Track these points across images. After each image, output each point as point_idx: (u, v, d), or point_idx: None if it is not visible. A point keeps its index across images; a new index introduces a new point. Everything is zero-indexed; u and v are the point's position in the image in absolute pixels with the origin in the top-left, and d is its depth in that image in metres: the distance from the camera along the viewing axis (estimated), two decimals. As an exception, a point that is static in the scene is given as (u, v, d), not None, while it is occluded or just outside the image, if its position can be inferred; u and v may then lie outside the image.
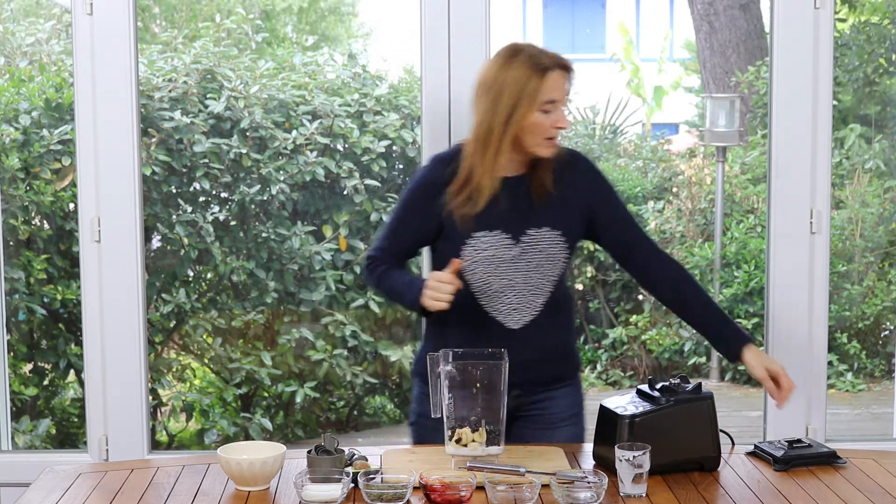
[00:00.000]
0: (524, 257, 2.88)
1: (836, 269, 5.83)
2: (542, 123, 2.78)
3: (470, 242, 2.86)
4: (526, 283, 2.89)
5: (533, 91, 2.77)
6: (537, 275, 2.89)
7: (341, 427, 5.50)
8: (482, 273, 2.88)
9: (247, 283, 5.12)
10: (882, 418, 5.61)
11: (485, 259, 2.87)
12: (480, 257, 2.86)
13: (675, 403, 2.72)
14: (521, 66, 2.78)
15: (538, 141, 2.80)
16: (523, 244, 2.87)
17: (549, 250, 2.88)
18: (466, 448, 2.65)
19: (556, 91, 2.78)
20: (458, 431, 2.66)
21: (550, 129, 2.79)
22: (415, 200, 2.93)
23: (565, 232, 2.90)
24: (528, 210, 2.88)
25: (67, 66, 4.99)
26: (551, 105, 2.78)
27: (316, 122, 5.12)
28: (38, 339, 4.89)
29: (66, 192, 4.75)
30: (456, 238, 2.88)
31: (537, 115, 2.78)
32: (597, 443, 2.80)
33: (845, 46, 5.77)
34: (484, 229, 2.86)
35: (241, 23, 5.36)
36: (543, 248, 2.88)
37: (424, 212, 2.90)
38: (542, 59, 2.79)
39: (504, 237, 2.87)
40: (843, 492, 2.62)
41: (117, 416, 3.88)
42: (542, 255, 2.88)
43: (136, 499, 2.59)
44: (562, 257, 2.91)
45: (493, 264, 2.87)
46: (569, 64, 2.83)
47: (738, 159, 6.64)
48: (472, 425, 2.66)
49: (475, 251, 2.86)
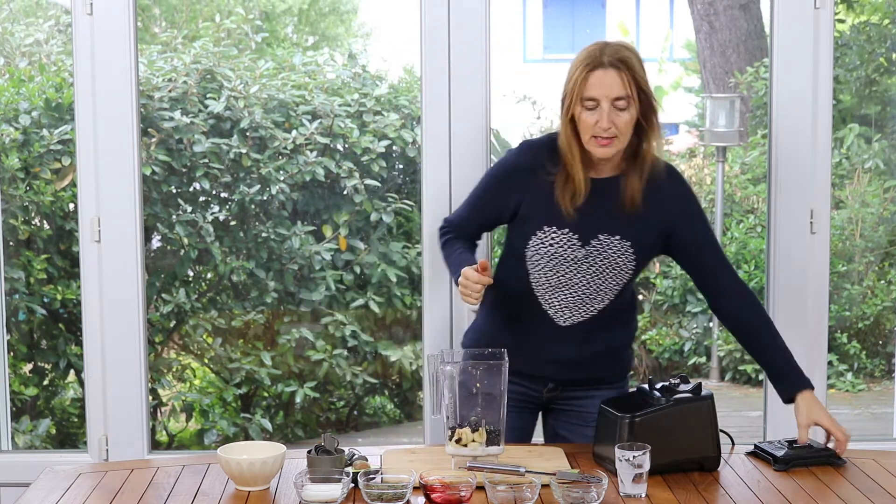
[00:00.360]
0: (589, 261, 2.85)
1: (836, 269, 5.83)
2: (587, 120, 2.77)
3: (538, 235, 2.85)
4: (586, 287, 2.87)
5: (577, 86, 2.77)
6: (599, 281, 2.87)
7: (341, 427, 5.50)
8: (543, 268, 2.86)
9: (247, 283, 5.12)
10: (882, 418, 5.61)
11: (548, 255, 2.85)
12: (544, 251, 2.85)
13: (675, 403, 2.72)
14: (577, 61, 2.79)
15: (587, 139, 2.79)
16: (591, 248, 2.85)
17: (616, 259, 2.85)
18: (466, 448, 2.65)
19: (597, 89, 2.75)
20: (458, 431, 2.66)
21: (593, 128, 2.76)
22: (497, 181, 2.92)
23: (636, 244, 2.87)
24: (605, 215, 2.85)
25: (67, 66, 4.99)
26: (592, 103, 2.76)
27: (316, 122, 5.12)
28: (38, 339, 4.89)
29: (66, 192, 4.75)
30: (525, 228, 2.87)
31: (582, 112, 2.77)
32: (597, 443, 2.80)
33: (845, 46, 5.77)
34: (554, 225, 2.85)
35: (241, 23, 5.36)
36: (610, 255, 2.85)
37: (504, 195, 2.89)
38: (596, 56, 2.77)
39: (572, 237, 2.85)
40: (843, 492, 2.62)
41: (117, 416, 3.88)
42: (608, 262, 2.85)
43: (136, 499, 2.59)
44: (628, 268, 2.88)
45: (555, 261, 2.86)
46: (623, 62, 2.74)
47: (738, 159, 6.63)
48: (473, 425, 2.66)
49: (541, 245, 2.85)
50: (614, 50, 2.78)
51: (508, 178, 2.89)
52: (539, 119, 7.11)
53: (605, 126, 2.75)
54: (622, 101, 2.77)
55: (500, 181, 2.91)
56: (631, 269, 2.88)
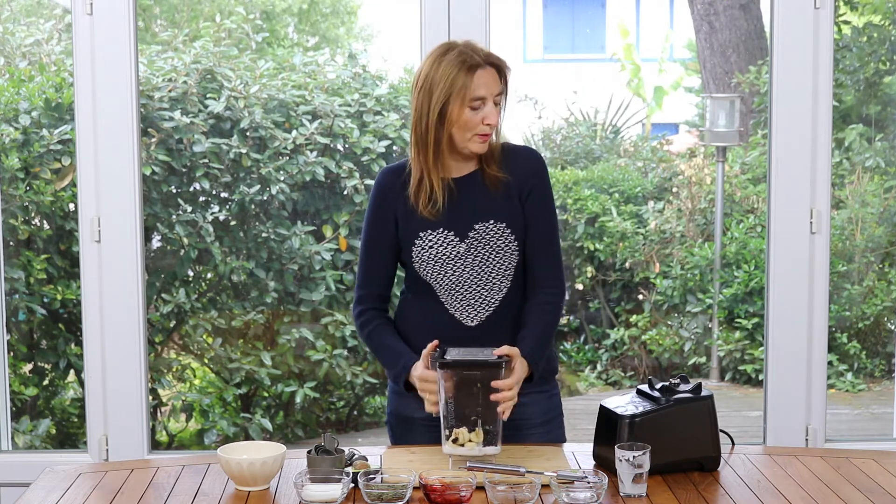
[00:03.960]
0: (472, 253, 2.89)
1: (836, 269, 5.82)
2: (472, 120, 2.83)
3: (417, 243, 2.89)
4: (478, 279, 2.90)
5: (462, 88, 2.81)
6: (489, 269, 2.90)
7: (341, 427, 5.50)
8: (433, 272, 2.90)
9: (247, 283, 5.12)
10: (882, 418, 5.61)
11: (432, 258, 2.89)
12: (427, 256, 2.89)
13: (675, 403, 2.72)
14: (450, 64, 2.83)
15: (469, 137, 2.84)
16: (470, 240, 2.89)
17: (497, 243, 2.89)
18: (464, 448, 2.65)
19: (484, 88, 2.82)
20: (455, 431, 2.66)
21: (480, 126, 2.83)
22: (375, 213, 2.96)
23: (511, 223, 2.91)
24: (473, 206, 2.90)
25: (67, 66, 4.98)
26: (480, 102, 2.82)
27: (316, 122, 5.12)
28: (38, 339, 4.88)
29: (66, 192, 4.75)
30: (406, 240, 2.91)
31: (467, 112, 2.82)
32: (597, 443, 2.80)
33: (846, 48, 5.77)
34: (427, 228, 2.89)
35: (242, 23, 5.36)
36: (490, 241, 2.89)
37: (383, 220, 2.93)
38: (471, 57, 2.83)
39: (448, 234, 2.89)
40: (844, 492, 2.62)
41: (117, 416, 3.88)
42: (491, 248, 2.89)
43: (136, 499, 2.59)
44: (512, 249, 2.90)
45: (439, 262, 2.89)
46: (500, 62, 2.87)
47: (738, 159, 6.63)
48: (470, 425, 2.66)
49: (422, 251, 2.89)
50: (477, 48, 2.86)
51: (381, 204, 2.95)
52: (540, 119, 7.11)
53: (494, 122, 2.82)
54: (499, 96, 2.86)
55: (376, 210, 2.96)
56: (515, 249, 2.91)
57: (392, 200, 2.93)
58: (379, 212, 2.95)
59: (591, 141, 7.18)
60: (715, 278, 6.31)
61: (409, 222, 2.90)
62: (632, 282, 6.53)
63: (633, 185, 6.70)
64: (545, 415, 3.00)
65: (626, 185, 6.69)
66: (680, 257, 6.40)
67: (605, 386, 6.37)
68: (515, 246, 2.91)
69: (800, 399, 3.87)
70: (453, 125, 2.84)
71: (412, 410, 2.93)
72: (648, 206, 6.60)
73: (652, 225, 6.51)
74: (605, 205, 6.56)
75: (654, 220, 6.52)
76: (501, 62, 2.88)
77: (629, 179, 6.74)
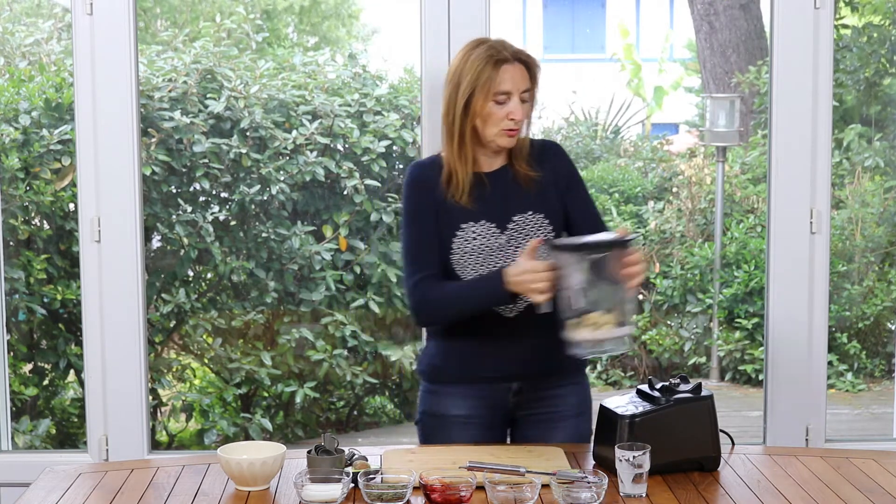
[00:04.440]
0: (512, 244, 2.91)
1: (836, 269, 5.82)
2: (496, 114, 2.85)
3: (459, 234, 2.90)
4: None
5: (487, 81, 2.83)
6: None
7: (341, 427, 5.50)
8: (472, 263, 2.91)
9: (247, 283, 5.12)
10: (882, 418, 5.61)
11: (474, 250, 2.90)
12: (469, 248, 2.90)
13: (675, 403, 2.71)
14: (478, 57, 2.86)
15: (494, 131, 2.86)
16: (509, 231, 2.91)
17: (536, 235, 2.91)
18: (600, 331, 2.65)
19: (510, 83, 2.85)
20: (588, 316, 2.66)
21: (505, 120, 2.84)
22: (417, 205, 2.95)
23: (548, 214, 2.93)
24: (511, 198, 2.92)
25: (67, 67, 4.98)
26: (505, 96, 2.84)
27: (316, 122, 5.11)
28: (38, 339, 4.88)
29: (66, 192, 4.75)
30: (445, 232, 2.92)
31: (491, 106, 2.84)
32: (597, 443, 2.80)
33: (846, 49, 5.77)
34: (469, 220, 2.90)
35: (242, 22, 5.36)
36: (529, 232, 2.92)
37: (430, 209, 2.93)
38: (499, 52, 2.85)
39: (489, 226, 2.91)
40: (844, 492, 2.62)
41: (117, 416, 3.88)
42: (529, 239, 2.90)
43: (136, 499, 2.59)
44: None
45: (482, 254, 2.90)
46: (529, 59, 2.89)
47: (739, 159, 6.63)
48: (600, 308, 2.67)
49: (464, 242, 2.90)
50: (508, 45, 2.89)
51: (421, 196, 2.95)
52: (540, 118, 7.10)
53: (520, 118, 2.84)
54: (527, 93, 2.88)
55: (417, 201, 2.96)
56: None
57: (430, 191, 2.93)
58: (421, 203, 2.94)
59: (591, 141, 7.18)
60: (715, 278, 6.31)
61: (450, 214, 2.91)
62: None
63: (633, 185, 6.70)
64: (578, 406, 3.02)
65: (626, 185, 6.69)
66: (680, 257, 6.39)
67: (605, 386, 6.37)
68: (553, 236, 2.93)
69: (800, 399, 3.87)
70: (478, 118, 2.86)
71: (446, 408, 2.95)
72: (648, 206, 6.60)
73: (652, 225, 6.51)
74: (605, 205, 6.56)
75: (655, 220, 6.52)
76: (531, 59, 2.90)
77: (629, 179, 6.74)
